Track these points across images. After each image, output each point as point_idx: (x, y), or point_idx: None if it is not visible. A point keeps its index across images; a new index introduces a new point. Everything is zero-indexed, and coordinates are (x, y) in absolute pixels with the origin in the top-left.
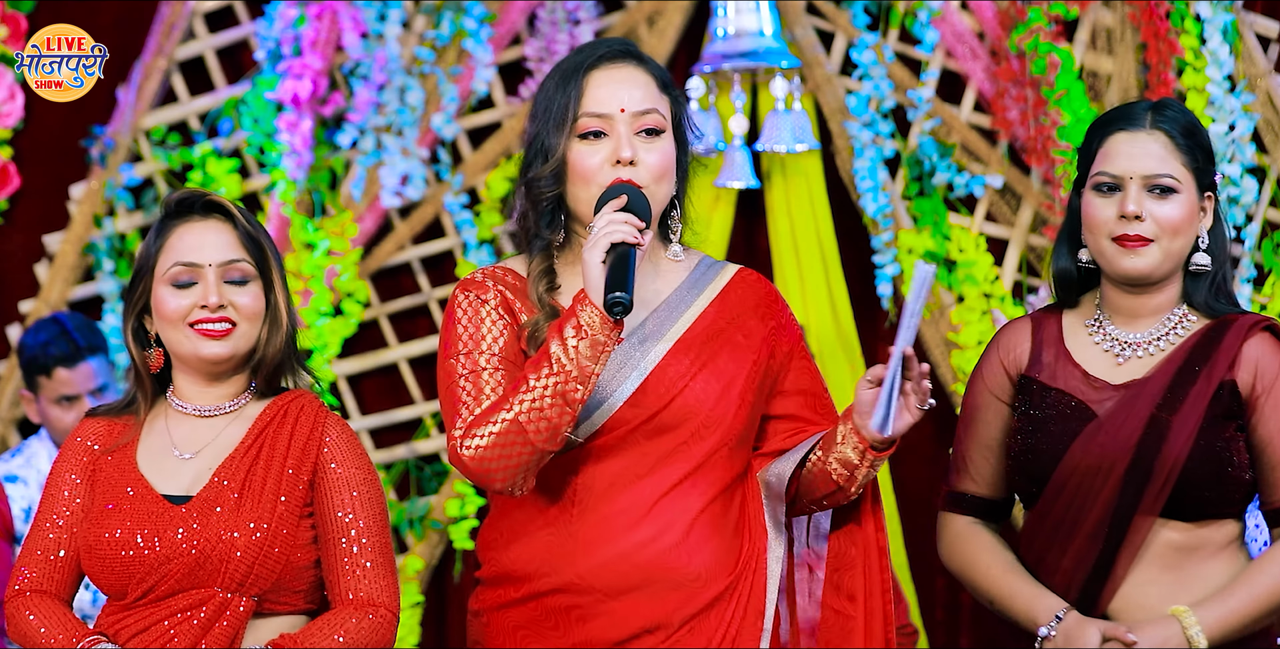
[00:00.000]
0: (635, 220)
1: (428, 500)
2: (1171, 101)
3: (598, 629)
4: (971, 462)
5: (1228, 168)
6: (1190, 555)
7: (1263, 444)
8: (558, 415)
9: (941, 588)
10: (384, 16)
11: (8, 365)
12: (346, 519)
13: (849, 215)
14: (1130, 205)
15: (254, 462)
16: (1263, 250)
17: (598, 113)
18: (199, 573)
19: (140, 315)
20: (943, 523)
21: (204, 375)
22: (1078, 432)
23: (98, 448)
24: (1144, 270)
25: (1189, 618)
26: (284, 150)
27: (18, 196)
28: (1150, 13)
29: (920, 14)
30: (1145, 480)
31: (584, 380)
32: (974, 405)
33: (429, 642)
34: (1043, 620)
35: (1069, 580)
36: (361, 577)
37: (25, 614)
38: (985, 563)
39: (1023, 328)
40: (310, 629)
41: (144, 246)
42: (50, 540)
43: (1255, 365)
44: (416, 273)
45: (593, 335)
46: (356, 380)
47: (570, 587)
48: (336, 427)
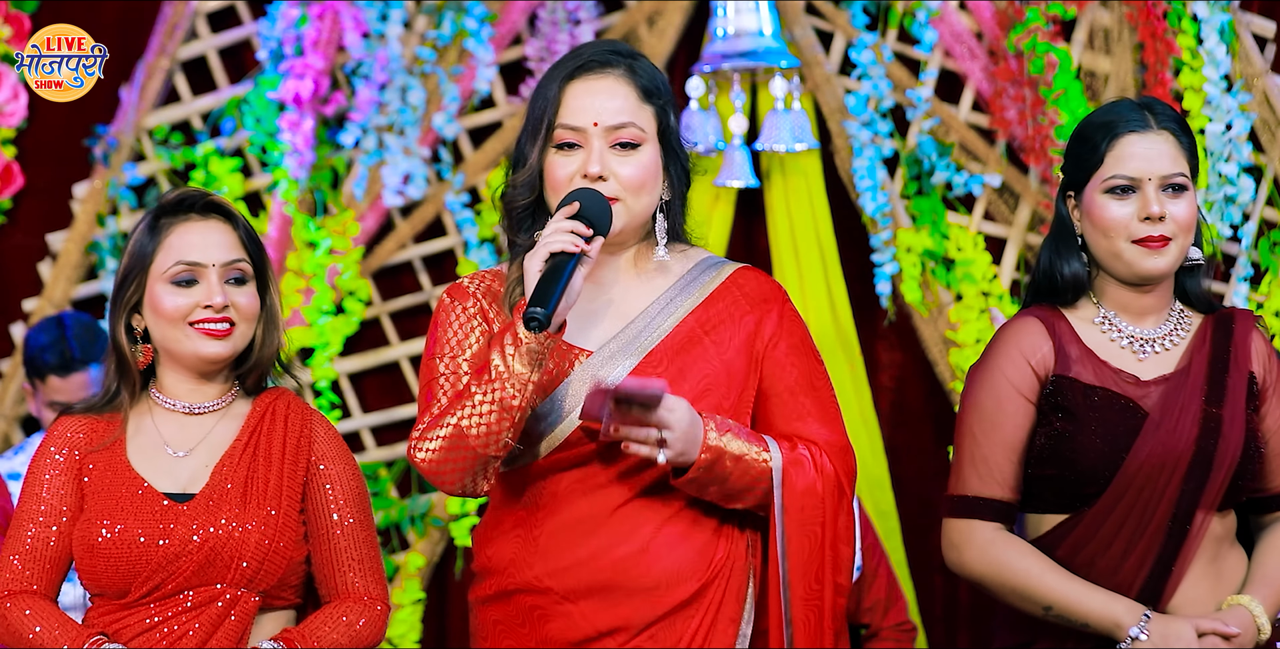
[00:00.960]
0: (581, 229)
1: (429, 498)
2: (1156, 100)
3: (557, 630)
4: (996, 465)
5: (1225, 167)
6: (1221, 545)
7: (1267, 434)
8: (497, 422)
9: (940, 585)
10: (385, 16)
11: (11, 364)
12: (336, 517)
13: (848, 214)
14: (1154, 206)
15: (253, 459)
16: (1259, 249)
17: (571, 125)
18: (208, 570)
19: (130, 313)
20: (964, 532)
21: (195, 373)
22: (1132, 429)
23: (81, 447)
24: (1165, 270)
25: (1256, 606)
26: (286, 149)
27: (21, 195)
28: (1147, 13)
29: (919, 14)
30: (1206, 475)
31: (521, 388)
32: (996, 407)
33: (430, 638)
34: (1128, 622)
35: (1131, 580)
36: (354, 572)
37: (16, 616)
38: (1036, 570)
39: (1036, 327)
40: (314, 623)
41: (137, 244)
42: (33, 541)
43: (1264, 359)
44: (418, 271)
45: (527, 345)
46: (358, 378)
47: (530, 587)
48: (322, 425)
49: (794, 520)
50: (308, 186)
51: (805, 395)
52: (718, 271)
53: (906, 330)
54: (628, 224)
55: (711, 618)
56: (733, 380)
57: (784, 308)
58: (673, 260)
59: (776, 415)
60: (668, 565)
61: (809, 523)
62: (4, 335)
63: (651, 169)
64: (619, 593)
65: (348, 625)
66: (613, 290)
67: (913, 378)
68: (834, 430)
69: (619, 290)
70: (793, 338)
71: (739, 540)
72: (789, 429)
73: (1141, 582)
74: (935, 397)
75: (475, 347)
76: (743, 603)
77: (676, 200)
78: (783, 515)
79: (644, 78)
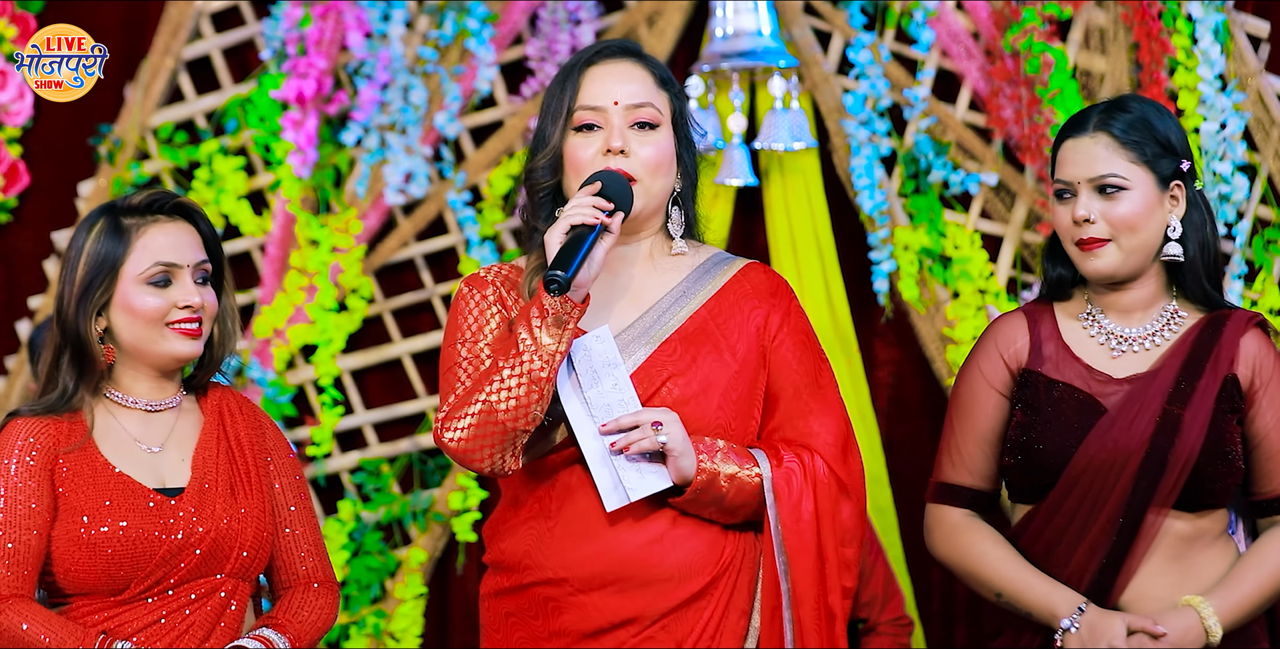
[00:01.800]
0: (603, 203)
1: (430, 493)
2: (1128, 98)
3: (570, 621)
4: (967, 454)
5: (1219, 166)
6: (1192, 545)
7: (1259, 437)
8: (525, 395)
9: (937, 580)
10: (388, 16)
11: (17, 360)
12: (293, 507)
13: (846, 212)
14: (1080, 210)
15: (228, 451)
16: (1254, 247)
17: (592, 106)
18: (210, 562)
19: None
20: (936, 515)
21: (158, 372)
22: (1088, 425)
23: (47, 450)
24: (1105, 270)
25: (1205, 608)
26: (289, 148)
27: (27, 194)
28: (1143, 13)
29: (916, 14)
30: (1159, 473)
31: (548, 360)
32: (970, 398)
33: (432, 632)
34: (1063, 613)
35: (1081, 572)
36: (311, 556)
37: (16, 622)
38: (992, 556)
39: (1018, 322)
40: (292, 607)
41: (102, 246)
42: (15, 545)
43: (1254, 361)
44: (420, 269)
45: (555, 314)
46: (360, 375)
47: (547, 579)
48: (267, 418)
49: (790, 531)
50: (311, 185)
51: (810, 393)
52: (728, 266)
53: (904, 327)
54: (644, 207)
55: (722, 610)
56: (744, 370)
57: (790, 304)
58: (687, 254)
59: (781, 413)
60: (680, 558)
61: (804, 533)
62: (10, 332)
63: (668, 152)
64: (632, 584)
65: (318, 608)
66: (629, 280)
67: (910, 374)
68: (837, 428)
69: (635, 280)
70: (798, 335)
71: (748, 534)
72: (792, 428)
73: (1092, 575)
74: (932, 393)
75: (494, 332)
76: (753, 596)
77: (688, 192)
78: (779, 529)
79: (657, 67)
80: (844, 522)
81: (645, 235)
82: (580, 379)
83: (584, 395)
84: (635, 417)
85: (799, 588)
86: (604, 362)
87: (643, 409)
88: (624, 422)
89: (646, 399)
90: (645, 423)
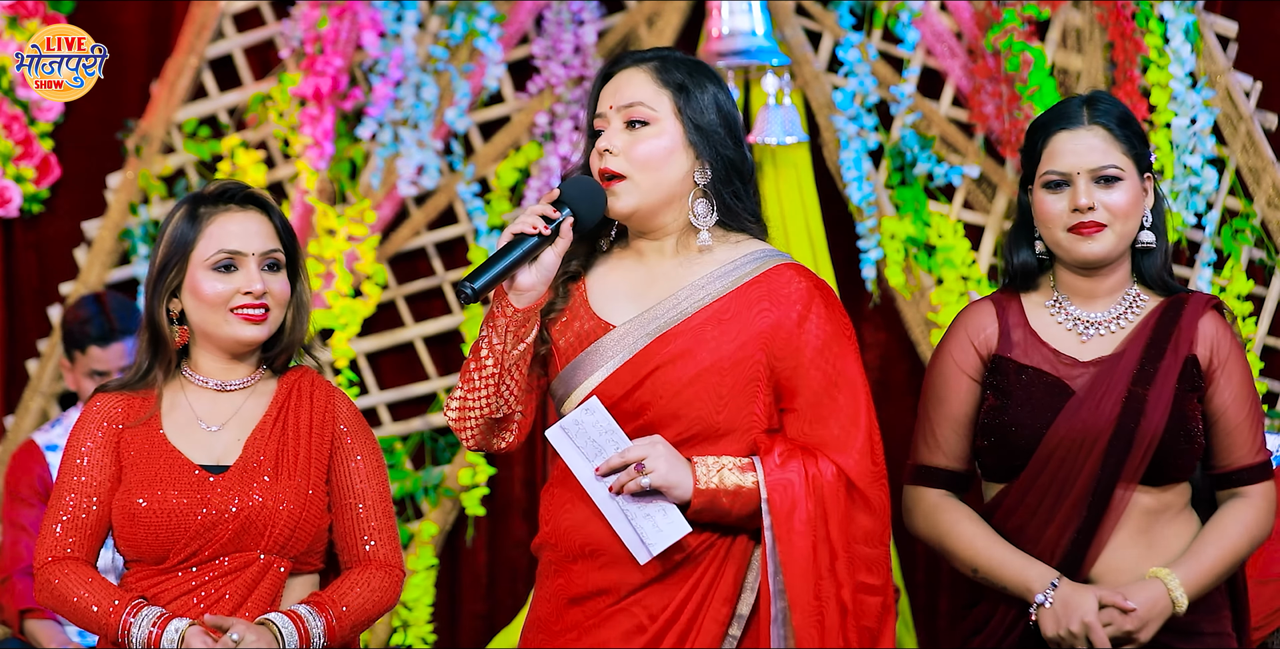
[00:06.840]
0: (549, 212)
1: (441, 469)
2: (1103, 94)
3: (561, 585)
4: (942, 437)
5: (1189, 159)
6: (1158, 518)
7: (1218, 413)
8: (485, 391)
9: (922, 551)
10: (401, 17)
11: (50, 343)
12: (359, 487)
13: (835, 203)
14: (1083, 198)
15: (282, 434)
16: (1222, 236)
17: (597, 113)
18: (244, 538)
19: (168, 296)
20: (914, 496)
21: (228, 354)
22: (1057, 407)
23: (119, 422)
24: (1101, 254)
25: (1172, 579)
26: (307, 142)
27: (58, 185)
28: (1117, 14)
29: (902, 15)
30: (1126, 451)
31: (499, 358)
32: (943, 384)
33: (443, 601)
34: (1037, 587)
35: (1053, 548)
36: (375, 540)
37: (58, 581)
38: (969, 534)
39: (987, 309)
40: (341, 587)
41: (177, 231)
42: (74, 509)
43: (1212, 341)
44: (431, 257)
45: (498, 317)
46: (375, 358)
47: (550, 544)
48: (344, 401)
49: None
50: (328, 177)
51: (826, 400)
52: (760, 264)
53: (890, 312)
54: (641, 202)
55: (703, 594)
56: (737, 368)
57: (812, 310)
58: (720, 248)
59: (796, 418)
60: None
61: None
62: (42, 317)
63: (663, 148)
64: (605, 557)
65: (371, 590)
66: (651, 273)
67: (896, 357)
68: (851, 434)
69: (656, 274)
70: (819, 342)
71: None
72: (811, 432)
73: (1063, 550)
74: (917, 375)
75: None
76: (739, 586)
77: (720, 185)
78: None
79: (660, 69)
80: (859, 523)
81: (668, 229)
82: (584, 451)
83: (590, 465)
84: (621, 456)
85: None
86: (600, 430)
87: (630, 446)
88: (613, 463)
89: (634, 386)
90: (632, 461)
